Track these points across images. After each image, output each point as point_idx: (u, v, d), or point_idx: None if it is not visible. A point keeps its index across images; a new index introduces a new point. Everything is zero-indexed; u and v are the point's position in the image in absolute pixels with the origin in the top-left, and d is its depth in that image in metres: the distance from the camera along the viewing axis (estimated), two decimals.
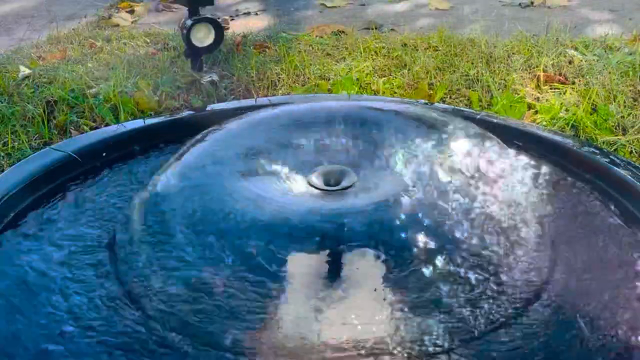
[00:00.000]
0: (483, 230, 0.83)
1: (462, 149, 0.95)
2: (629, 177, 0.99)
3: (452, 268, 0.78)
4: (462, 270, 0.79)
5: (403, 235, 0.80)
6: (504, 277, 0.80)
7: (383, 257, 0.77)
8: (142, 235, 0.86)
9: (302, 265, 0.77)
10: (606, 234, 0.92)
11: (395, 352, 0.71)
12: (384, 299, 0.76)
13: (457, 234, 0.81)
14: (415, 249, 0.78)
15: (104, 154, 1.12)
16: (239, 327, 0.73)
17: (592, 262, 0.86)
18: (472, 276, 0.78)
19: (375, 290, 0.76)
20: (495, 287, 0.78)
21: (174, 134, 1.14)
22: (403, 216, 0.81)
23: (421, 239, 0.79)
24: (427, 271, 0.77)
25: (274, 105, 1.22)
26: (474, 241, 0.81)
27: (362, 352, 0.71)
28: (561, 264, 0.85)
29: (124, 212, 0.94)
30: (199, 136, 1.02)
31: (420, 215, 0.82)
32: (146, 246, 0.85)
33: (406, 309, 0.75)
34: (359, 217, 0.81)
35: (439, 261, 0.78)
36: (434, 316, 0.75)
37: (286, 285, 0.76)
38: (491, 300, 0.77)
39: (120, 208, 0.97)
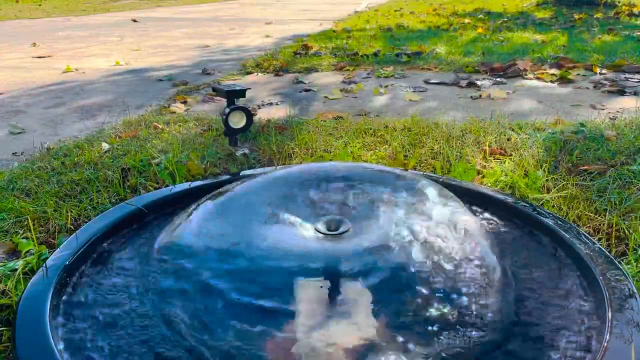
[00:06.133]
0: (440, 257, 0.84)
1: (428, 201, 0.97)
2: (552, 223, 1.01)
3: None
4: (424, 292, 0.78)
5: (383, 265, 0.81)
6: (460, 296, 0.80)
7: (367, 279, 0.78)
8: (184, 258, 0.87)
9: (310, 284, 0.78)
10: (534, 261, 0.93)
11: None
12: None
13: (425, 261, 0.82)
14: (390, 276, 0.80)
15: (165, 207, 1.14)
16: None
17: (525, 280, 0.87)
18: (434, 291, 0.78)
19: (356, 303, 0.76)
20: (463, 310, 0.78)
21: (216, 191, 1.15)
22: (384, 253, 0.83)
23: (395, 268, 0.81)
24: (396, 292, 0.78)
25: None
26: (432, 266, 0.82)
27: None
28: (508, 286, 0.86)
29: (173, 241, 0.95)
30: (228, 191, 1.04)
31: (396, 252, 0.84)
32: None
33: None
34: (352, 253, 0.83)
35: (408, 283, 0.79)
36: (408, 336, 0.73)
37: (297, 298, 0.76)
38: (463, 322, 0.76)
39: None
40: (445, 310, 0.76)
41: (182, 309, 0.78)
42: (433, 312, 0.76)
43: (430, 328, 0.74)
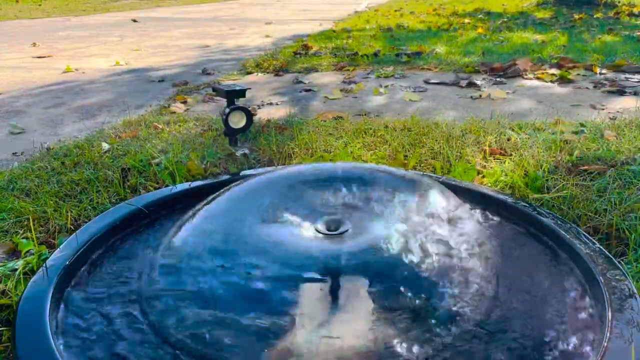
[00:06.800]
0: (440, 257, 0.84)
1: (428, 201, 0.97)
2: (551, 223, 1.01)
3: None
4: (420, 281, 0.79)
5: (382, 264, 0.81)
6: (460, 296, 0.80)
7: (367, 278, 0.79)
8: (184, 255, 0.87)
9: (310, 283, 0.79)
10: (534, 261, 0.93)
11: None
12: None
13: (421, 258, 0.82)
14: (389, 275, 0.80)
15: (165, 207, 1.14)
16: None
17: (525, 280, 0.87)
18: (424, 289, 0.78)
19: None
20: (452, 304, 0.78)
21: (216, 191, 1.15)
22: (382, 252, 0.83)
23: (393, 266, 0.81)
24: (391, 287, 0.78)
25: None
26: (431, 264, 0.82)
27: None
28: (503, 284, 0.86)
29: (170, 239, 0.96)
30: (229, 191, 1.04)
31: (396, 252, 0.84)
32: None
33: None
34: (352, 253, 0.83)
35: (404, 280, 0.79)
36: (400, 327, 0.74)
37: (296, 297, 0.77)
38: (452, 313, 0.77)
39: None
40: (445, 308, 0.77)
41: (183, 310, 0.77)
42: (432, 310, 0.76)
43: (429, 326, 0.74)
